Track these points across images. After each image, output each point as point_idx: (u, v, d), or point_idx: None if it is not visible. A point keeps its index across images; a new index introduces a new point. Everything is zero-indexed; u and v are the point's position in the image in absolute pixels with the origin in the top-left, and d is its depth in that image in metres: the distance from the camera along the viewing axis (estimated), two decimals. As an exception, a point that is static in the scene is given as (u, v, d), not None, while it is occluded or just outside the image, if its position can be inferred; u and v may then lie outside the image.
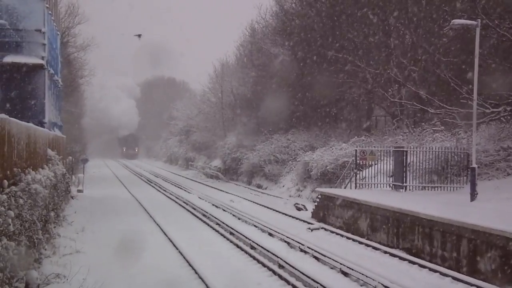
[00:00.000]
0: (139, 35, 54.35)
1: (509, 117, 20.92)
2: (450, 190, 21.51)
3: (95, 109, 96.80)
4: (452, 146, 22.53)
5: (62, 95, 40.03)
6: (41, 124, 24.39)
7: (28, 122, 15.60)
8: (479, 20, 17.87)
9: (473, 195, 17.58)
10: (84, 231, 19.04)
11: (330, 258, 14.85)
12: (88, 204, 27.68)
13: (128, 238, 18.26)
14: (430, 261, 14.56)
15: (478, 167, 18.61)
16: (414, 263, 14.55)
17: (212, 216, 23.65)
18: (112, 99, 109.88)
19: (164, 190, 37.94)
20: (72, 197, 28.53)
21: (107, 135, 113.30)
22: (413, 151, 22.62)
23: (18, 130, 12.38)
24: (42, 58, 26.22)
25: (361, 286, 12.66)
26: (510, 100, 20.57)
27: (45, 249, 13.95)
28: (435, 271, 13.59)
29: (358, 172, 24.17)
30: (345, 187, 24.66)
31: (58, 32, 35.17)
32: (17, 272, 9.81)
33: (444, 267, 13.88)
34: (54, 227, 17.05)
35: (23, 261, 10.17)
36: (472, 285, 12.23)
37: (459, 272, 13.23)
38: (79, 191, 32.98)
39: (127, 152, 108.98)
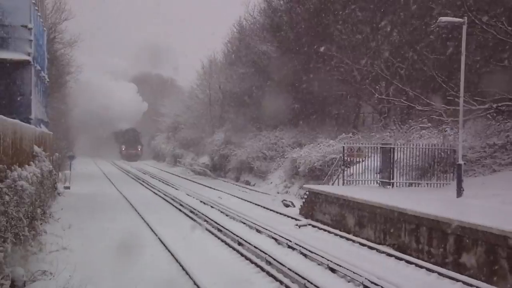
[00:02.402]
0: None
1: (495, 114, 21.05)
2: (437, 186, 21.63)
3: (90, 98, 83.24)
4: (439, 143, 22.66)
5: (49, 91, 39.78)
6: (27, 120, 24.24)
7: (14, 118, 15.47)
8: (465, 17, 17.97)
9: (460, 192, 17.71)
10: (71, 228, 18.94)
11: (317, 255, 14.89)
12: (75, 201, 27.53)
13: (115, 236, 18.19)
14: (417, 257, 14.64)
15: (465, 163, 18.73)
16: (401, 259, 14.63)
17: (200, 212, 23.62)
18: (108, 82, 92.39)
19: (152, 187, 37.84)
20: (58, 194, 28.35)
21: (99, 129, 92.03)
22: (400, 148, 22.72)
23: (4, 127, 12.28)
24: (29, 54, 26.08)
25: (348, 282, 12.70)
26: (496, 97, 20.69)
27: (32, 246, 13.86)
28: (422, 267, 13.67)
29: (345, 169, 24.24)
30: (332, 184, 24.72)
31: (44, 28, 34.94)
32: (3, 269, 9.75)
33: (430, 263, 13.96)
34: (41, 224, 16.95)
35: (9, 258, 10.11)
36: (458, 280, 12.32)
37: (446, 268, 13.32)
38: (66, 188, 32.79)
39: (127, 151, 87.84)
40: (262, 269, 13.77)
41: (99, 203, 27.56)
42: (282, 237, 17.55)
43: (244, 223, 21.19)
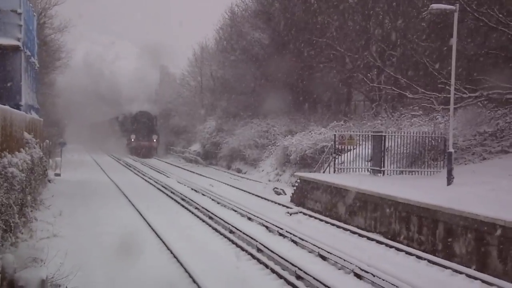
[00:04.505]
0: None
1: (486, 102, 21.12)
2: (428, 174, 21.72)
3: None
4: (430, 131, 22.73)
5: (39, 77, 39.48)
6: (17, 106, 24.03)
7: (4, 104, 15.35)
8: (457, 4, 17.95)
9: (450, 179, 17.77)
10: (62, 215, 18.86)
11: (308, 242, 14.95)
12: (65, 188, 27.43)
13: (105, 223, 18.19)
14: (407, 245, 14.73)
15: (455, 151, 18.80)
16: (391, 246, 14.71)
17: (191, 200, 23.63)
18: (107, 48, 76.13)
19: (143, 174, 37.78)
20: (49, 181, 28.25)
21: (99, 112, 76.24)
22: (391, 135, 22.76)
23: (-7, 113, 12.17)
24: (18, 39, 25.80)
25: (339, 269, 12.76)
26: (487, 85, 20.74)
27: (22, 233, 13.82)
28: (412, 254, 13.76)
29: (336, 157, 24.28)
30: (323, 172, 24.77)
31: (34, 13, 34.59)
32: (-8, 256, 9.71)
33: (420, 250, 14.05)
34: (31, 211, 16.87)
35: (-1, 245, 10.07)
36: (447, 267, 12.42)
37: (435, 256, 13.42)
38: (56, 174, 32.67)
39: (138, 143, 61.45)
40: (253, 256, 13.80)
41: (90, 190, 27.48)
42: (273, 225, 17.60)
43: (235, 211, 21.22)
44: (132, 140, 61.86)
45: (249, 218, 19.52)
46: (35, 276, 9.68)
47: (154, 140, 62.30)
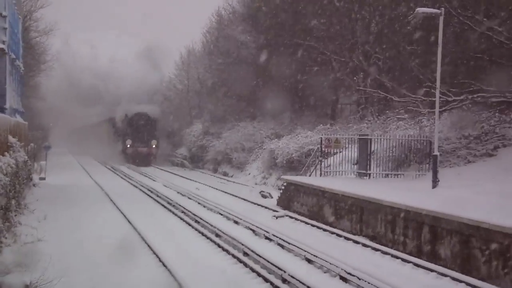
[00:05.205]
0: None
1: (470, 105, 21.27)
2: (413, 177, 21.80)
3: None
4: (415, 134, 22.83)
5: (24, 80, 39.22)
6: (1, 110, 23.90)
7: (-13, 108, 15.23)
8: (442, 8, 18.08)
9: (435, 182, 17.87)
10: (46, 220, 18.71)
11: (294, 246, 14.95)
12: (50, 192, 27.20)
13: (91, 227, 18.05)
14: (392, 248, 14.78)
15: (440, 154, 18.90)
16: (376, 249, 14.75)
17: (178, 204, 23.55)
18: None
19: (129, 178, 37.59)
20: (34, 185, 28.02)
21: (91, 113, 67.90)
22: (377, 139, 22.86)
23: (-24, 117, 12.06)
24: (3, 42, 25.67)
25: (325, 273, 12.78)
26: (471, 89, 20.90)
27: (6, 238, 13.70)
28: (397, 257, 13.80)
29: (323, 160, 24.32)
30: (310, 175, 24.80)
31: (19, 16, 34.39)
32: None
33: (405, 253, 14.11)
34: (15, 215, 16.74)
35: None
36: (432, 270, 12.47)
37: (420, 258, 13.47)
38: (41, 178, 32.40)
39: (134, 149, 53.12)
40: (239, 260, 13.78)
41: (75, 194, 27.28)
42: (260, 228, 17.58)
43: (222, 214, 21.17)
44: (128, 145, 53.27)
45: (236, 222, 19.49)
46: (19, 281, 9.63)
47: (154, 146, 53.79)
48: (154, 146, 53.69)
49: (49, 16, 50.08)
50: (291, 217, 20.49)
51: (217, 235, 16.80)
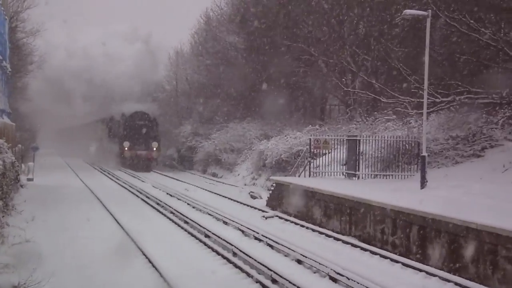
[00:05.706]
0: None
1: (458, 107, 21.43)
2: (402, 178, 21.94)
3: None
4: (404, 135, 22.97)
5: (11, 81, 38.95)
6: (-12, 111, 23.70)
7: (-26, 109, 15.12)
8: (430, 10, 18.20)
9: (423, 183, 17.99)
10: (35, 220, 18.59)
11: (284, 246, 14.96)
12: (38, 193, 27.05)
13: (79, 227, 17.98)
14: (381, 248, 14.84)
15: (428, 155, 19.02)
16: (366, 250, 14.80)
17: (167, 205, 23.49)
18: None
19: (117, 179, 37.46)
20: (21, 186, 27.82)
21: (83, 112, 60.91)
22: (366, 140, 22.96)
23: (-36, 117, 11.97)
24: (-10, 43, 25.44)
25: (314, 273, 12.81)
26: (459, 90, 21.06)
27: (-7, 239, 13.60)
28: (386, 257, 13.86)
29: (312, 161, 24.39)
30: (299, 176, 24.85)
31: (6, 17, 34.15)
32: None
33: (394, 253, 14.17)
34: (3, 216, 16.61)
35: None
36: (421, 270, 12.54)
37: (409, 259, 13.54)
38: (29, 179, 32.20)
39: (132, 153, 47.43)
40: (229, 260, 13.78)
41: (63, 194, 27.13)
42: (249, 229, 17.58)
43: (211, 215, 21.15)
44: (126, 148, 47.54)
45: (225, 222, 19.48)
46: (7, 283, 9.55)
47: (154, 149, 48.03)
48: (155, 149, 48.22)
49: (44, 11, 48.65)
50: (280, 218, 20.52)
51: (206, 236, 16.79)
